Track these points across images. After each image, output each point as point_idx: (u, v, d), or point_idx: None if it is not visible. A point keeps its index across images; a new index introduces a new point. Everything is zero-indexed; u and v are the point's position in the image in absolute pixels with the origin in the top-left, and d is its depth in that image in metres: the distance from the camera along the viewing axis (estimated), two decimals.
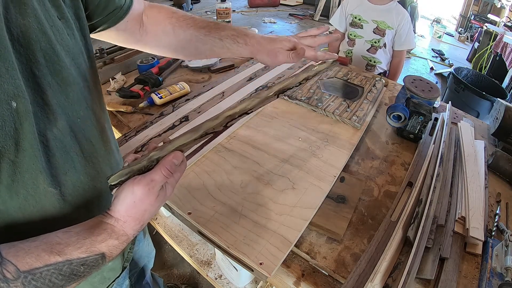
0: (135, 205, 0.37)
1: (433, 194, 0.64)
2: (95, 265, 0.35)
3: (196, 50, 0.59)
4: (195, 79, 1.12)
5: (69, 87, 0.39)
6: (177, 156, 0.40)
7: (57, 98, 0.37)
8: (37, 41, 0.34)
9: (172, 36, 0.57)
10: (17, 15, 0.32)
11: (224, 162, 0.70)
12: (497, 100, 0.94)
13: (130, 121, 0.89)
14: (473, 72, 2.71)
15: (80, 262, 0.34)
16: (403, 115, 0.83)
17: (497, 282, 0.52)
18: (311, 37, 0.61)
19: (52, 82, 0.36)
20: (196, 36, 0.57)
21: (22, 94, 0.31)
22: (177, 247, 1.31)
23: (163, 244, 1.54)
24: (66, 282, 0.33)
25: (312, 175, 0.68)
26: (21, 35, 0.32)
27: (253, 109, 0.46)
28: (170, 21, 0.57)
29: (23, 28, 0.32)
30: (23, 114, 0.31)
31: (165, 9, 0.59)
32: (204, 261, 1.26)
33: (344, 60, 1.32)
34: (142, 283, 0.95)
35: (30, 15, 0.33)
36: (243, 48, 0.57)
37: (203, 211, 0.58)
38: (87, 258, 0.34)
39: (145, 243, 0.85)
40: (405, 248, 0.57)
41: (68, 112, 0.39)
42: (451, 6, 5.24)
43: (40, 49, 0.34)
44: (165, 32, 0.57)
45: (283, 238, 0.54)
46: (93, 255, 0.34)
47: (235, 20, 4.04)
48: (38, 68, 0.34)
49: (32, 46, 0.33)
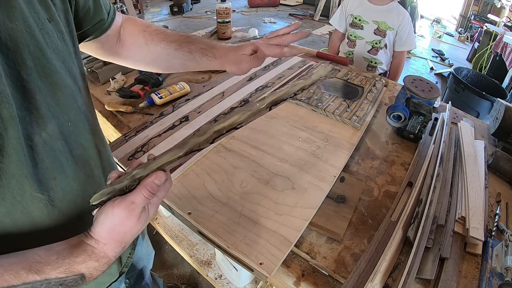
0: (115, 228, 0.36)
1: (433, 194, 0.64)
2: (74, 285, 0.35)
3: (168, 63, 0.60)
4: (195, 79, 1.12)
5: (59, 91, 0.39)
6: (159, 176, 0.38)
7: (47, 101, 0.36)
8: (25, 45, 0.33)
9: (146, 50, 0.58)
10: (5, 19, 0.32)
11: (224, 162, 0.70)
12: (497, 100, 0.94)
13: (130, 121, 0.89)
14: (473, 72, 2.71)
15: (59, 282, 0.33)
16: (403, 115, 0.83)
17: (497, 282, 0.52)
18: (279, 37, 0.60)
19: (41, 85, 0.36)
20: (167, 50, 0.58)
21: (6, 99, 0.30)
22: (177, 247, 1.31)
23: (163, 244, 1.54)
24: None
25: (312, 175, 0.68)
26: (8, 38, 0.32)
27: (243, 123, 0.42)
28: (143, 35, 0.58)
29: (10, 31, 0.32)
30: (7, 120, 0.31)
31: (139, 23, 0.60)
32: (204, 261, 1.26)
33: (344, 60, 1.32)
34: (141, 284, 0.95)
35: (18, 18, 0.33)
36: (212, 61, 0.58)
37: (203, 211, 0.58)
38: (65, 278, 0.34)
39: (144, 245, 0.84)
40: (405, 248, 0.57)
41: (58, 116, 0.38)
42: (451, 6, 5.24)
43: (29, 53, 0.34)
44: (139, 45, 0.58)
45: (283, 238, 0.54)
46: (72, 275, 0.34)
47: (235, 20, 4.04)
48: (26, 72, 0.34)
49: (20, 50, 0.33)
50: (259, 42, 0.59)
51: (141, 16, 5.07)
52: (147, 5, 5.66)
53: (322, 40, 4.33)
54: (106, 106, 0.92)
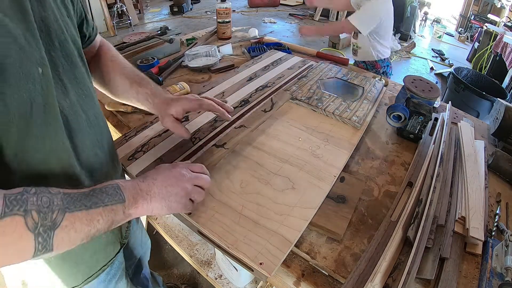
0: (162, 172, 0.52)
1: (433, 194, 0.64)
2: (114, 193, 0.43)
3: (117, 92, 0.68)
4: (195, 79, 1.13)
5: (76, 69, 0.48)
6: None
7: (67, 76, 0.46)
8: (53, 29, 0.43)
9: (107, 77, 0.67)
10: (40, 8, 0.40)
11: (224, 162, 0.70)
12: (497, 100, 0.94)
13: (130, 121, 0.89)
14: (473, 72, 2.71)
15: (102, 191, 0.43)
16: (403, 115, 0.83)
17: (497, 282, 0.52)
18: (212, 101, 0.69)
19: (64, 62, 0.45)
20: (120, 83, 0.67)
21: (46, 63, 0.39)
22: (177, 247, 1.31)
23: (163, 244, 1.54)
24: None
25: (312, 175, 0.68)
26: (42, 23, 0.40)
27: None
28: (109, 64, 0.68)
29: (44, 19, 0.41)
30: (47, 79, 0.39)
31: (110, 53, 0.69)
32: (204, 261, 1.26)
33: (344, 60, 1.32)
34: (139, 276, 0.96)
35: (48, 9, 0.42)
36: (150, 107, 0.67)
37: (203, 211, 0.58)
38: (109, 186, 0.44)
39: (138, 230, 0.89)
40: (405, 248, 0.57)
41: (75, 89, 0.48)
42: (451, 6, 5.24)
43: (56, 36, 0.43)
44: (103, 71, 0.67)
45: (283, 238, 0.54)
46: (114, 185, 0.44)
47: (235, 20, 4.04)
48: (54, 50, 0.43)
49: (50, 33, 0.42)
50: (183, 106, 0.66)
51: (141, 16, 5.07)
52: (147, 5, 5.66)
53: (322, 40, 4.33)
54: (106, 106, 0.92)
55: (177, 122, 0.65)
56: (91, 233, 0.40)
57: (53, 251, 0.37)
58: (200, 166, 0.57)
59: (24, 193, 0.35)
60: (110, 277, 0.64)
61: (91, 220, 0.40)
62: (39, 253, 0.35)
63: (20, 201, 0.34)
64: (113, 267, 0.64)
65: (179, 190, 0.50)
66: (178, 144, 0.74)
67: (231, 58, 1.31)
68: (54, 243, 0.36)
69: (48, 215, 0.36)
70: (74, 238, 0.38)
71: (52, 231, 0.36)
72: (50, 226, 0.36)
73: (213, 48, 1.20)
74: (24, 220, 0.34)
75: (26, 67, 0.36)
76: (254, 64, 1.16)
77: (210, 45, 1.29)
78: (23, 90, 0.35)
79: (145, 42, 1.24)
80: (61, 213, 0.37)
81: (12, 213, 0.33)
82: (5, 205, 0.33)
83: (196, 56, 1.18)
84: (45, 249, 0.36)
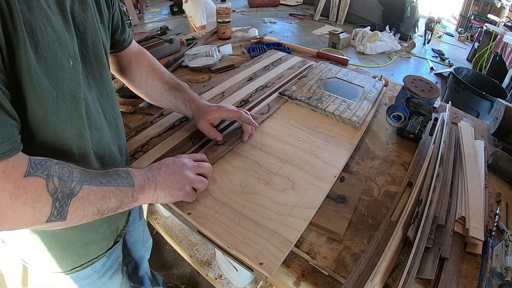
0: (166, 163, 0.56)
1: (433, 194, 0.64)
2: (125, 177, 0.47)
3: (155, 98, 0.74)
4: (195, 79, 1.12)
5: (103, 71, 0.52)
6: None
7: (94, 74, 0.50)
8: (89, 30, 0.47)
9: (144, 82, 0.72)
10: (80, 10, 0.45)
11: (224, 162, 0.70)
12: (497, 100, 0.94)
13: (130, 121, 0.89)
14: (473, 72, 2.71)
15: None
16: (403, 115, 0.83)
17: (497, 282, 0.52)
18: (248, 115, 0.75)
19: (93, 62, 0.49)
20: (159, 89, 0.72)
21: (77, 57, 0.43)
22: (177, 247, 1.31)
23: (163, 244, 1.55)
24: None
25: (312, 175, 0.68)
26: (80, 24, 0.45)
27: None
28: (147, 69, 0.72)
29: (82, 19, 0.45)
30: (77, 71, 0.43)
31: (147, 59, 0.73)
32: (204, 261, 1.26)
33: (344, 60, 1.32)
34: (138, 274, 0.97)
35: (88, 12, 0.46)
36: (188, 111, 0.73)
37: (203, 211, 0.58)
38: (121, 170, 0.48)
39: (140, 227, 0.90)
40: (405, 248, 0.57)
41: (99, 88, 0.52)
42: (451, 6, 5.24)
43: (90, 37, 0.47)
44: (140, 76, 0.72)
45: (283, 238, 0.54)
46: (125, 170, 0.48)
47: (235, 20, 4.04)
48: (86, 49, 0.47)
49: (86, 33, 0.46)
50: (222, 114, 0.72)
51: (141, 16, 5.07)
52: (147, 5, 5.66)
53: (322, 40, 4.33)
54: None
55: (211, 126, 0.71)
56: (102, 210, 0.43)
57: (66, 220, 0.39)
58: (202, 155, 0.63)
59: (47, 161, 0.38)
60: (106, 269, 0.65)
61: (104, 196, 0.42)
62: (53, 218, 0.37)
63: (44, 166, 0.37)
64: (110, 258, 0.65)
65: (181, 178, 0.54)
66: (178, 144, 0.74)
67: (231, 58, 1.31)
68: (69, 211, 0.38)
69: (68, 183, 0.38)
70: (86, 211, 0.41)
71: (69, 198, 0.38)
72: (68, 194, 0.38)
73: (213, 48, 1.20)
74: (46, 182, 0.36)
75: (59, 56, 0.39)
76: (254, 64, 1.16)
77: (210, 45, 1.29)
78: (52, 74, 0.39)
79: (145, 42, 1.24)
80: (79, 184, 0.39)
81: (36, 175, 0.35)
82: (30, 166, 0.35)
83: (196, 56, 1.18)
84: (60, 216, 0.38)
